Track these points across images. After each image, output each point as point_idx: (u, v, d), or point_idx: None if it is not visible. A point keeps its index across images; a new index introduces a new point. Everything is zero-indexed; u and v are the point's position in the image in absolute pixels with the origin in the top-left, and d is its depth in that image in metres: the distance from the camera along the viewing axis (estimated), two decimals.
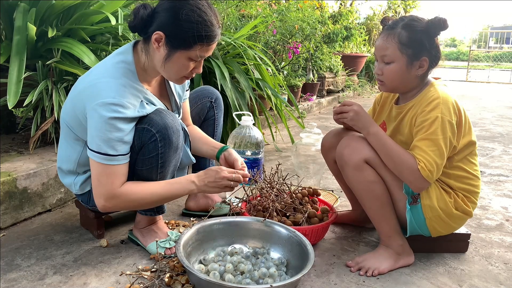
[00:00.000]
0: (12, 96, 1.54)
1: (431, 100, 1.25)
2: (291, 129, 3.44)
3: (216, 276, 1.14)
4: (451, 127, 1.23)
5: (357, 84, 6.71)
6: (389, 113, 1.46)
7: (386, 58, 1.29)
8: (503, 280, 1.31)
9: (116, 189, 1.18)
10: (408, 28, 1.26)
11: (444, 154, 1.23)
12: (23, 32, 1.68)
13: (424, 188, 1.27)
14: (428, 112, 1.24)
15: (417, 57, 1.27)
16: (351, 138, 1.35)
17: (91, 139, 1.17)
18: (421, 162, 1.21)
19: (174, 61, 1.21)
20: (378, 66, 1.33)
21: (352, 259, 1.37)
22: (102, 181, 1.18)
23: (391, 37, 1.28)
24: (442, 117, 1.22)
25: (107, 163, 1.16)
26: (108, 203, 1.19)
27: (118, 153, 1.17)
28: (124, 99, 1.16)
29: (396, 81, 1.32)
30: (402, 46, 1.26)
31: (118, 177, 1.19)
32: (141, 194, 1.22)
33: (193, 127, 1.59)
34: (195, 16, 1.15)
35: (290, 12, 4.20)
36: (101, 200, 1.19)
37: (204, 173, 1.29)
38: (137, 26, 1.20)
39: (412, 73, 1.30)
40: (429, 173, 1.20)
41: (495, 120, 4.67)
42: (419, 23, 1.27)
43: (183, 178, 1.29)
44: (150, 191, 1.23)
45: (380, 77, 1.34)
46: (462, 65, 18.20)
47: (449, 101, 1.25)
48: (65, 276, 1.23)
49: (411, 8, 8.68)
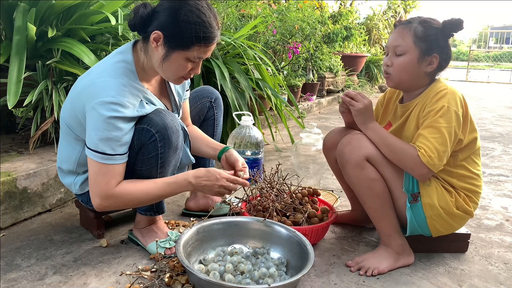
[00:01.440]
0: (12, 96, 1.54)
1: (438, 91, 1.27)
2: (291, 129, 3.44)
3: (216, 276, 1.14)
4: (456, 117, 1.23)
5: (357, 84, 6.71)
6: (394, 113, 1.46)
7: (399, 48, 1.30)
8: (503, 280, 1.31)
9: (112, 189, 1.18)
10: (425, 23, 1.29)
11: (447, 142, 1.22)
12: (23, 32, 1.68)
13: (427, 176, 1.26)
14: (435, 102, 1.25)
15: (429, 52, 1.29)
16: (352, 136, 1.35)
17: (90, 138, 1.16)
18: (421, 149, 1.21)
19: (172, 61, 1.21)
20: (389, 58, 1.34)
21: (352, 259, 1.37)
22: (98, 180, 1.18)
23: (407, 29, 1.30)
24: (449, 107, 1.23)
25: (104, 162, 1.16)
26: (104, 203, 1.19)
27: (115, 153, 1.17)
28: (124, 98, 1.16)
29: (404, 74, 1.32)
30: (416, 39, 1.28)
31: (114, 176, 1.18)
32: (136, 194, 1.22)
33: (193, 127, 1.59)
34: (194, 17, 1.15)
35: (290, 12, 4.20)
36: (97, 199, 1.19)
37: (204, 174, 1.27)
38: (136, 24, 1.20)
39: (421, 69, 1.30)
40: (429, 159, 1.20)
41: (495, 120, 4.67)
42: (435, 21, 1.30)
43: (180, 177, 1.27)
44: (146, 190, 1.23)
45: (389, 69, 1.34)
46: (462, 65, 18.18)
47: (457, 93, 1.26)
48: (65, 276, 1.23)
49: (411, 8, 8.69)
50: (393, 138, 1.28)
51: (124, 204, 1.24)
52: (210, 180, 1.27)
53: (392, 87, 1.41)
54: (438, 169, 1.23)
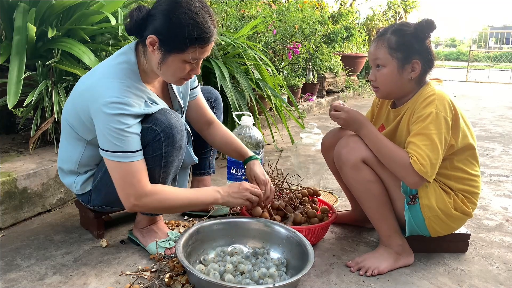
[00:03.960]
0: (12, 96, 1.54)
1: (426, 96, 1.26)
2: (291, 129, 3.44)
3: (216, 276, 1.14)
4: (446, 123, 1.23)
5: (357, 84, 6.71)
6: (386, 116, 1.46)
7: (378, 62, 1.31)
8: (503, 280, 1.31)
9: (147, 187, 1.17)
10: (397, 32, 1.29)
11: (438, 149, 1.21)
12: (23, 32, 1.68)
13: (419, 184, 1.24)
14: (423, 107, 1.25)
15: (408, 60, 1.29)
16: (349, 138, 1.35)
17: (103, 140, 1.16)
18: (413, 156, 1.21)
19: (169, 64, 1.20)
20: (372, 72, 1.35)
21: (352, 259, 1.37)
22: (128, 180, 1.15)
23: (380, 42, 1.31)
24: (437, 113, 1.22)
25: (125, 160, 1.15)
26: (139, 202, 1.17)
27: (132, 149, 1.16)
28: (128, 98, 1.16)
29: (389, 86, 1.33)
30: (391, 50, 1.28)
31: (143, 173, 1.17)
32: (172, 196, 1.21)
33: (221, 127, 1.57)
34: (186, 19, 1.13)
35: (290, 12, 4.20)
36: (131, 200, 1.16)
37: (228, 186, 1.32)
38: (132, 29, 1.20)
39: (404, 77, 1.30)
40: (421, 167, 1.19)
41: (495, 120, 4.67)
42: (407, 28, 1.29)
43: (209, 188, 1.31)
44: (181, 195, 1.23)
45: (374, 83, 1.36)
46: (462, 65, 18.20)
47: (445, 98, 1.25)
48: (65, 276, 1.23)
49: (411, 8, 8.68)
50: (387, 144, 1.27)
51: (157, 205, 1.21)
52: (235, 187, 1.32)
53: (383, 98, 1.43)
54: (430, 178, 1.21)
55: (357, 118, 1.33)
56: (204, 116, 1.55)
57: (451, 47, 39.92)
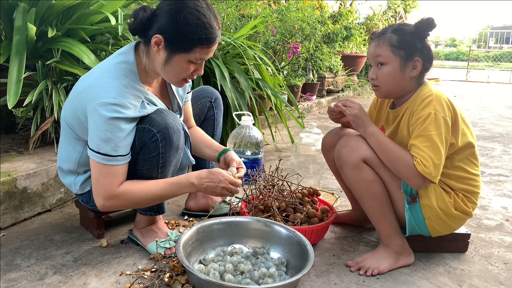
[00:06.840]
0: (12, 96, 1.54)
1: (424, 97, 1.26)
2: (291, 129, 3.44)
3: (216, 276, 1.14)
4: (445, 123, 1.23)
5: (357, 84, 6.71)
6: (386, 118, 1.46)
7: (380, 58, 1.31)
8: (503, 280, 1.31)
9: (115, 189, 1.18)
10: (398, 31, 1.30)
11: (440, 150, 1.21)
12: (23, 32, 1.68)
13: (423, 185, 1.25)
14: (421, 109, 1.25)
15: (410, 58, 1.29)
16: (349, 137, 1.35)
17: (92, 139, 1.17)
18: (417, 158, 1.21)
19: (174, 64, 1.20)
20: (373, 71, 1.35)
21: (352, 259, 1.37)
22: (100, 181, 1.18)
23: (382, 41, 1.31)
24: (436, 113, 1.22)
25: (107, 163, 1.16)
26: (107, 203, 1.20)
27: (117, 154, 1.17)
28: (125, 99, 1.16)
29: (390, 84, 1.32)
30: (393, 48, 1.29)
31: (117, 177, 1.19)
32: (139, 194, 1.22)
33: (196, 129, 1.59)
34: (194, 19, 1.15)
35: (290, 12, 4.20)
36: (100, 200, 1.19)
37: (206, 175, 1.27)
38: (136, 29, 1.20)
39: (406, 75, 1.31)
40: (425, 168, 1.20)
41: (495, 120, 4.67)
42: (408, 27, 1.31)
43: (182, 178, 1.28)
44: (149, 191, 1.23)
45: (375, 82, 1.35)
46: (462, 65, 18.20)
47: (442, 97, 1.25)
48: (65, 276, 1.23)
49: (411, 8, 8.68)
50: (391, 146, 1.27)
51: (127, 204, 1.25)
52: (213, 182, 1.27)
53: (383, 97, 1.43)
54: (435, 179, 1.22)
55: (366, 116, 1.33)
56: (189, 120, 1.58)
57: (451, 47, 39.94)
